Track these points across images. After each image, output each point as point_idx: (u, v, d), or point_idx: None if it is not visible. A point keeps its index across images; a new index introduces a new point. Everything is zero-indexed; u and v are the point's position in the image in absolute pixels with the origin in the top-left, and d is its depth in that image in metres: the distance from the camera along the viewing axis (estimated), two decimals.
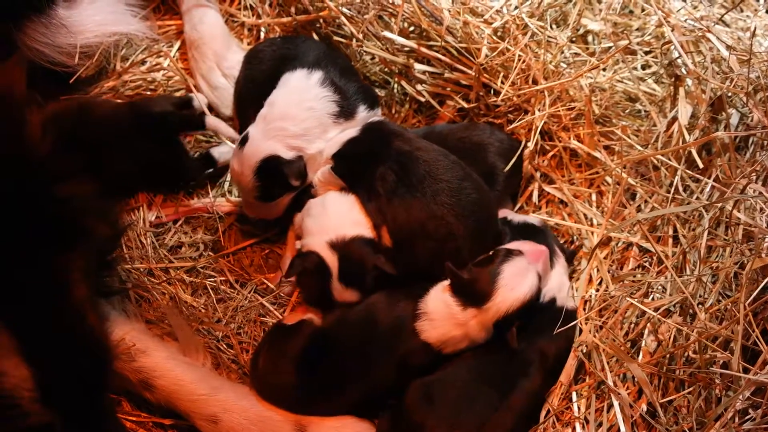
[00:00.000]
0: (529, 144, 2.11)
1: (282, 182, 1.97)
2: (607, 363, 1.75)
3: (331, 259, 1.85)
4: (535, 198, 2.18)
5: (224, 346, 1.97)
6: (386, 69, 2.31)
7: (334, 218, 1.91)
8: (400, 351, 1.78)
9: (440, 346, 1.78)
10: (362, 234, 1.88)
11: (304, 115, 1.98)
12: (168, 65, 2.39)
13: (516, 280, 1.75)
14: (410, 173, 1.86)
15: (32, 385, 1.23)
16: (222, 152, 2.23)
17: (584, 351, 1.80)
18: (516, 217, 2.05)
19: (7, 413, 1.22)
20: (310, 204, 1.99)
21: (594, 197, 2.13)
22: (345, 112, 2.02)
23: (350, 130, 2.00)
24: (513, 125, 2.16)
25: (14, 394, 1.22)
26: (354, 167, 1.94)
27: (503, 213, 2.07)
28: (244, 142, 1.97)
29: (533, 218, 2.07)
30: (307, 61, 2.10)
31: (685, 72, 2.07)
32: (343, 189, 1.98)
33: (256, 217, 2.10)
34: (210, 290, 2.06)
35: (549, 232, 2.03)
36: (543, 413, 1.76)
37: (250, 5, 2.47)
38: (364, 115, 2.06)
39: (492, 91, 2.19)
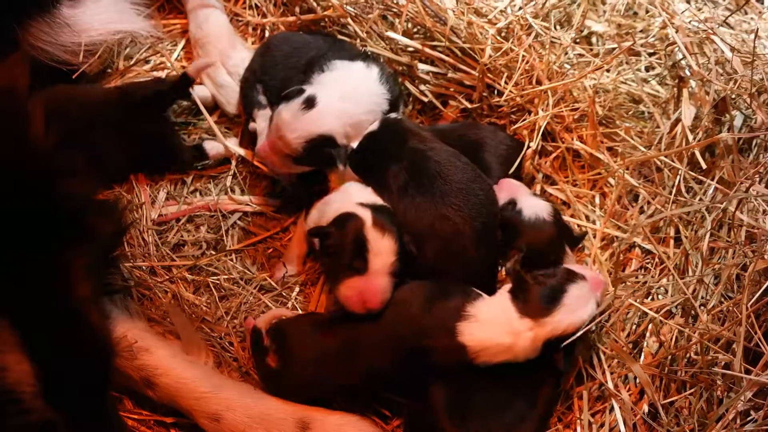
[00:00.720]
0: (531, 144, 2.11)
1: (327, 161, 1.95)
2: (608, 366, 1.75)
3: (363, 212, 1.79)
4: None
5: (226, 344, 1.97)
6: (390, 69, 2.31)
7: (358, 193, 1.90)
8: (423, 342, 1.73)
9: (477, 352, 1.69)
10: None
11: (367, 107, 1.99)
12: (171, 64, 2.39)
13: (579, 303, 1.68)
14: (422, 173, 1.87)
15: (34, 381, 1.23)
16: (213, 146, 2.23)
17: (586, 352, 1.80)
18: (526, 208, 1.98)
19: (8, 408, 1.21)
20: (330, 196, 1.97)
21: (597, 199, 2.13)
22: (390, 112, 2.04)
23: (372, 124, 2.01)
24: (516, 126, 2.16)
25: (16, 389, 1.21)
26: (369, 162, 1.94)
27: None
28: (310, 103, 1.93)
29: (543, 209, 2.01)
30: (353, 53, 2.14)
31: (689, 73, 2.07)
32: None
33: (265, 161, 2.06)
34: (213, 288, 2.07)
35: (561, 221, 1.98)
36: None
37: (255, 4, 2.47)
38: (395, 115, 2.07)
39: (495, 92, 2.19)
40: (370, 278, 1.75)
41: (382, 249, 1.75)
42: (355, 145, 1.96)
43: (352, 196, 1.87)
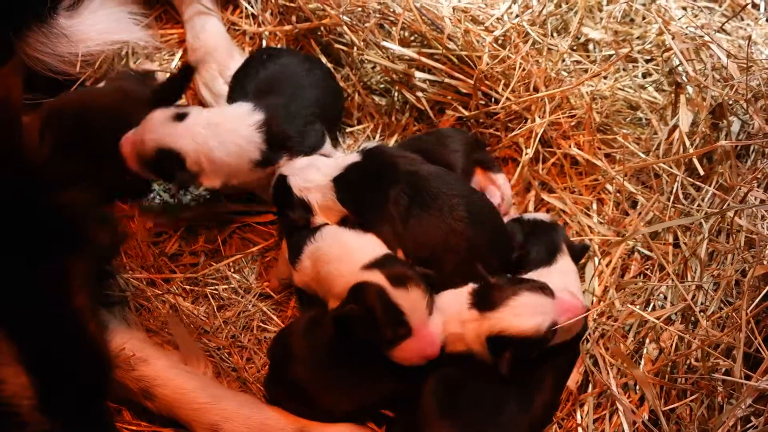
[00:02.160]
0: (528, 151, 2.12)
1: (167, 177, 2.01)
2: (610, 370, 1.74)
3: (375, 276, 1.71)
4: (531, 207, 2.17)
5: (225, 354, 1.96)
6: (387, 77, 2.31)
7: (355, 253, 1.81)
8: None
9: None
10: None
11: (230, 150, 1.99)
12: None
13: (525, 311, 1.69)
14: (423, 192, 1.86)
15: (32, 393, 1.23)
16: None
17: (588, 358, 1.79)
18: (526, 214, 2.05)
19: (5, 421, 1.21)
20: (321, 250, 1.87)
21: (594, 206, 2.13)
22: (267, 161, 2.05)
23: (349, 155, 2.00)
24: (513, 133, 2.16)
25: (13, 401, 1.21)
26: (360, 193, 1.91)
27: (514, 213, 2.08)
28: (179, 118, 1.97)
29: (543, 215, 2.06)
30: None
31: (685, 79, 2.07)
32: (343, 217, 1.94)
33: (123, 150, 2.02)
34: (210, 298, 2.06)
35: (560, 228, 2.00)
36: None
37: (252, 14, 2.47)
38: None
39: (492, 99, 2.19)
40: (420, 335, 1.70)
41: (414, 303, 1.70)
42: (206, 182, 1.98)
43: (353, 261, 1.78)
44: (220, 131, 1.97)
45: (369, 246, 1.83)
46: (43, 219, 1.36)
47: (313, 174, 1.93)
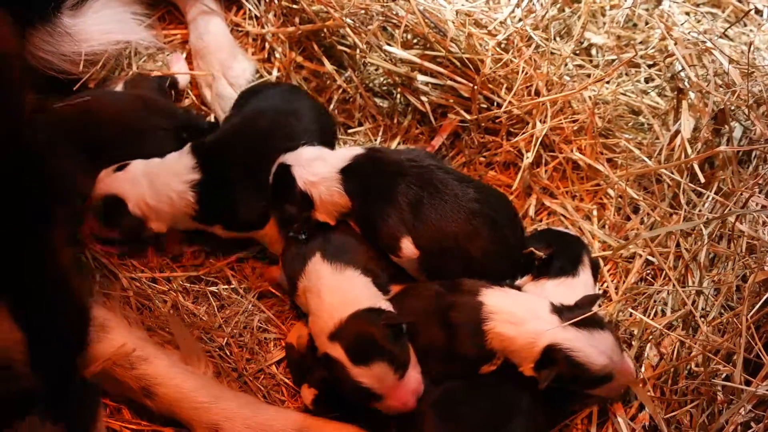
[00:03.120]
0: (528, 155, 2.12)
1: (112, 223, 2.02)
2: None
3: (337, 351, 1.68)
4: (531, 212, 2.16)
5: (225, 353, 1.96)
6: (389, 80, 2.32)
7: (329, 302, 1.77)
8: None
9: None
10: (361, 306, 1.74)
11: (164, 200, 2.01)
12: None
13: (601, 347, 1.66)
14: (430, 183, 1.85)
15: (23, 349, 1.22)
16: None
17: None
18: (554, 228, 2.06)
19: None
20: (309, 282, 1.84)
21: (595, 212, 2.13)
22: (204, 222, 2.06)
23: (352, 148, 2.00)
24: (516, 139, 2.16)
25: (7, 356, 1.20)
26: (367, 182, 1.88)
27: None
28: (121, 167, 2.02)
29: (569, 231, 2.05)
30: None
31: (687, 85, 2.07)
32: (343, 215, 1.91)
33: None
34: (211, 298, 2.06)
35: (584, 243, 1.99)
36: None
37: (255, 15, 2.48)
38: None
39: (495, 104, 2.20)
40: (393, 397, 1.68)
41: (379, 377, 1.65)
42: (153, 226, 2.00)
43: (327, 315, 1.74)
44: (156, 182, 1.98)
45: (342, 299, 1.75)
46: (33, 181, 1.36)
47: (320, 167, 1.90)
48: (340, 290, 1.77)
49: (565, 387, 1.69)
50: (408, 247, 1.83)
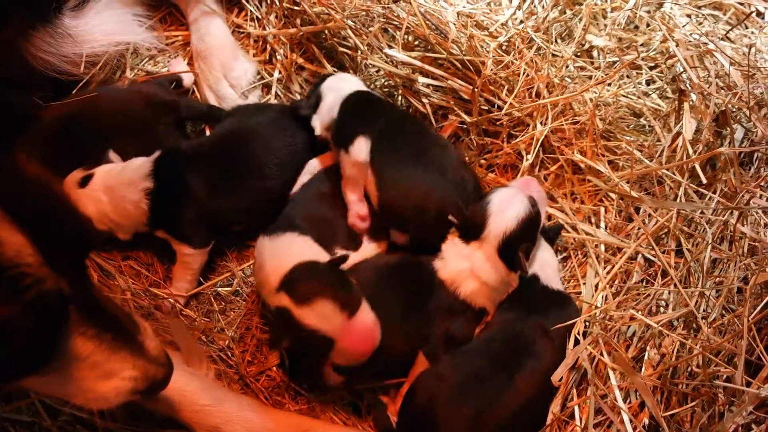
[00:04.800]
0: (528, 157, 2.12)
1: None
2: (612, 374, 1.74)
3: (283, 299, 1.76)
4: None
5: (226, 355, 1.96)
6: (390, 81, 2.32)
7: (271, 265, 1.87)
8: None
9: (454, 284, 1.86)
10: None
11: (122, 214, 2.03)
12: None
13: (505, 204, 1.84)
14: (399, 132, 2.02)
15: (33, 250, 1.14)
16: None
17: (586, 363, 1.79)
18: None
19: (20, 284, 1.12)
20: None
21: (602, 212, 2.13)
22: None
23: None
24: (516, 140, 2.16)
25: (19, 261, 1.12)
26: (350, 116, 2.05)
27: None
28: (83, 182, 2.02)
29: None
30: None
31: (689, 87, 2.07)
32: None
33: None
34: (212, 299, 2.06)
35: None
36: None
37: (257, 16, 2.48)
38: None
39: (495, 105, 2.20)
40: (346, 339, 1.72)
41: (323, 314, 1.71)
42: (121, 236, 2.04)
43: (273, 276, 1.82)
44: (114, 196, 1.99)
45: (283, 258, 1.83)
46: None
47: (332, 98, 2.09)
48: (279, 252, 1.87)
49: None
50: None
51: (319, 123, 2.10)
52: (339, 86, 2.12)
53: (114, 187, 1.99)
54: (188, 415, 1.71)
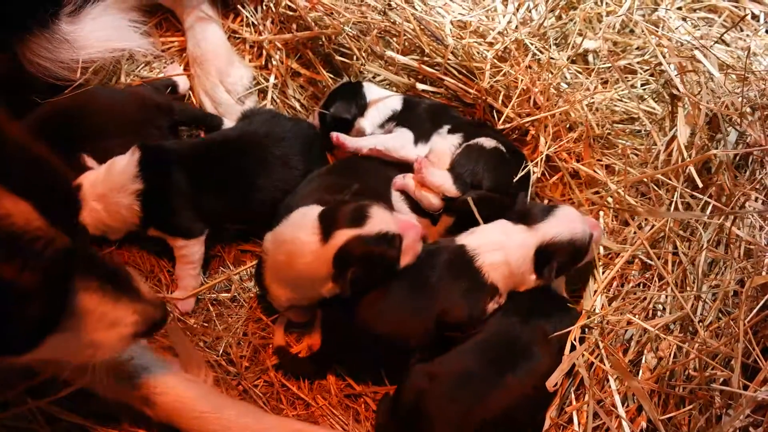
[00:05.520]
0: (535, 169, 2.13)
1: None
2: (611, 378, 1.74)
3: (342, 234, 1.81)
4: None
5: (224, 361, 1.96)
6: (389, 87, 2.33)
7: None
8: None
9: (476, 250, 1.88)
10: None
11: (116, 219, 2.06)
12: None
13: (572, 220, 1.89)
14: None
15: (38, 215, 1.18)
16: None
17: (583, 370, 1.79)
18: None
19: (33, 248, 1.16)
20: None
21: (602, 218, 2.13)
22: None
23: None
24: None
25: (28, 228, 1.17)
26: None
27: None
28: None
29: None
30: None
31: (681, 92, 2.08)
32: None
33: None
34: (209, 306, 2.06)
35: None
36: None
37: (253, 22, 2.48)
38: None
39: (494, 113, 2.20)
40: (406, 231, 1.85)
41: (382, 218, 1.82)
42: (113, 237, 2.08)
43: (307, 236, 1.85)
44: (108, 203, 2.00)
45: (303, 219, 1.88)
46: None
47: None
48: (296, 221, 1.89)
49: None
50: None
51: (369, 123, 2.20)
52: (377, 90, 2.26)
53: (105, 194, 1.99)
54: (187, 422, 1.70)
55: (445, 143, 2.07)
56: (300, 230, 1.84)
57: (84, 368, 1.56)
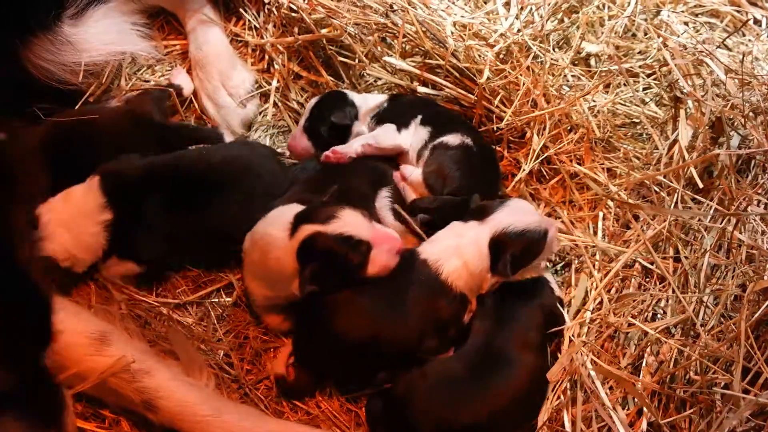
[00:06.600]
0: (525, 167, 2.13)
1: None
2: (602, 383, 1.73)
3: (308, 228, 1.83)
4: None
5: (225, 364, 1.96)
6: (390, 89, 2.33)
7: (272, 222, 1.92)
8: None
9: (437, 263, 1.87)
10: None
11: (85, 245, 2.01)
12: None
13: (523, 211, 1.90)
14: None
15: None
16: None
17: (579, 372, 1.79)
18: None
19: None
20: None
21: (600, 221, 2.13)
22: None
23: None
24: (516, 152, 2.17)
25: None
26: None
27: None
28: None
29: None
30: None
31: (685, 94, 2.08)
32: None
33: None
34: (210, 308, 2.06)
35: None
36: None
37: (255, 25, 2.48)
38: None
39: (494, 115, 2.20)
40: (378, 240, 1.83)
41: (354, 221, 1.82)
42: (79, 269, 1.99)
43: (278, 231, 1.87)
44: (73, 230, 1.95)
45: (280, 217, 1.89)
46: None
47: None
48: (273, 218, 1.90)
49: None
50: None
51: (363, 126, 2.21)
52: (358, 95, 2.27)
53: (68, 220, 1.95)
54: (189, 426, 1.71)
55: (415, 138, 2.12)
56: (272, 226, 1.87)
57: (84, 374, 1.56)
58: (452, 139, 2.06)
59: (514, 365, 1.79)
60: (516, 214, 1.88)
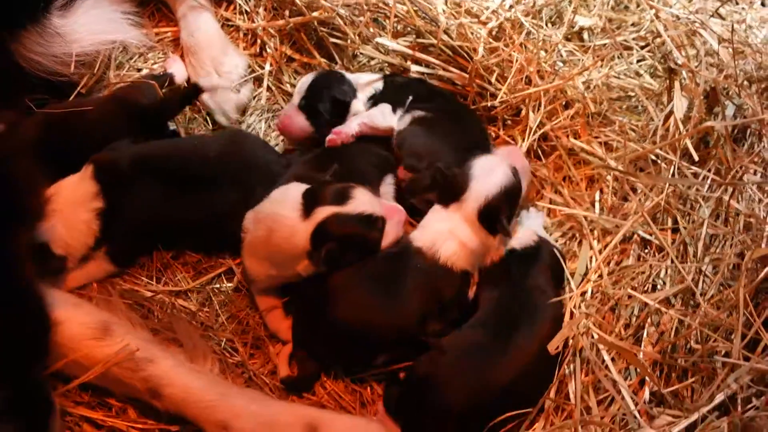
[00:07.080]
0: (523, 144, 2.13)
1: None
2: (607, 354, 1.75)
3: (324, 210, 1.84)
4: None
5: (229, 349, 1.97)
6: (383, 69, 2.32)
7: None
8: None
9: (432, 248, 1.87)
10: None
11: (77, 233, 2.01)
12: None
13: (488, 171, 1.88)
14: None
15: None
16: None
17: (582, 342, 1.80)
18: None
19: None
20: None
21: (597, 195, 2.13)
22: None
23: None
24: (511, 129, 2.16)
25: None
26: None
27: None
28: None
29: None
30: None
31: (678, 65, 2.08)
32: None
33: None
34: (212, 295, 2.07)
35: None
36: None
37: (245, 9, 2.47)
38: None
39: (488, 93, 2.20)
40: (389, 214, 1.91)
41: (366, 199, 1.86)
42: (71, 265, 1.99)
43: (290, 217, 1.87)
44: (66, 217, 1.96)
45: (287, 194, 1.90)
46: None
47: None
48: (279, 196, 1.91)
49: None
50: None
51: (361, 104, 2.19)
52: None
53: (62, 208, 1.96)
54: (195, 412, 1.71)
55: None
56: (281, 206, 1.87)
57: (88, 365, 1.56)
58: (407, 118, 2.09)
59: (536, 315, 1.80)
60: (487, 177, 1.88)
